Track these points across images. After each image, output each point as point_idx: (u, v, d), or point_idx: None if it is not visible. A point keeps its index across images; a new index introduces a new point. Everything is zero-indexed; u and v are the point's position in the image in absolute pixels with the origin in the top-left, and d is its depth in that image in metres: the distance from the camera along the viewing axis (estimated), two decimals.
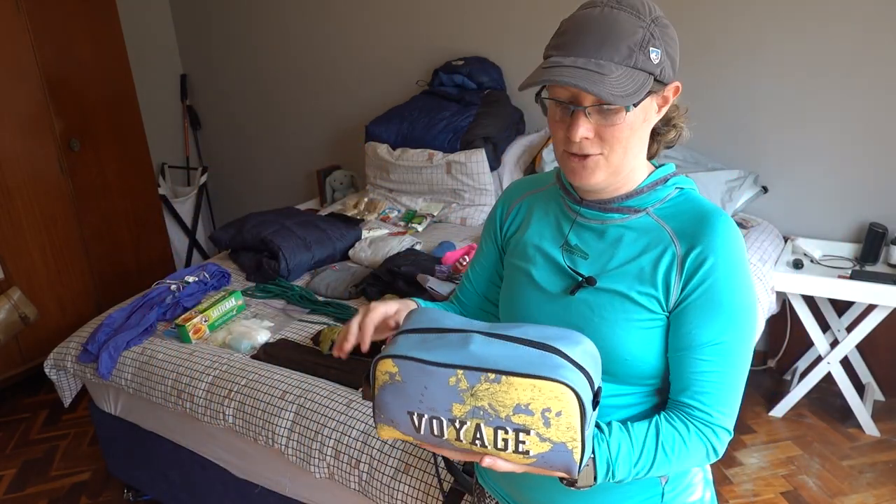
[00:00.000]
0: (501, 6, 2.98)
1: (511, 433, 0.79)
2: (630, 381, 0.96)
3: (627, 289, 0.93)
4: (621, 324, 0.93)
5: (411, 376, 0.82)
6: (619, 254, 0.96)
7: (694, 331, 0.91)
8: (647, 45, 0.85)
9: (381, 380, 0.84)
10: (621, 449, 0.89)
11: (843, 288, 2.22)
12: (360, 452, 1.50)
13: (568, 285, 0.98)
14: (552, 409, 0.78)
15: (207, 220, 4.34)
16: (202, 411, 1.75)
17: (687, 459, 0.93)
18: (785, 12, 2.44)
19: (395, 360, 0.83)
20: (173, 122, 4.12)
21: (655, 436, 0.91)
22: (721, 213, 0.93)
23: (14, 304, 2.67)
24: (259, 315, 2.10)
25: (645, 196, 0.96)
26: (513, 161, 2.88)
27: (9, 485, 2.42)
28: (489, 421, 0.80)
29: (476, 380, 0.80)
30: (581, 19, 0.87)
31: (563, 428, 0.79)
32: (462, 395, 0.80)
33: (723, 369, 0.92)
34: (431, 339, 0.85)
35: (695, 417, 0.93)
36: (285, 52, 3.70)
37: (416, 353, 0.83)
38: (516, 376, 0.79)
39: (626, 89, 0.84)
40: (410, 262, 2.17)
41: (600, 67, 0.83)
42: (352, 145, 3.63)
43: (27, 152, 2.85)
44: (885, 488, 2.16)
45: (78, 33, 3.00)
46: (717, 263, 0.90)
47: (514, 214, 1.10)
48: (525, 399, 0.78)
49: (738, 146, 2.65)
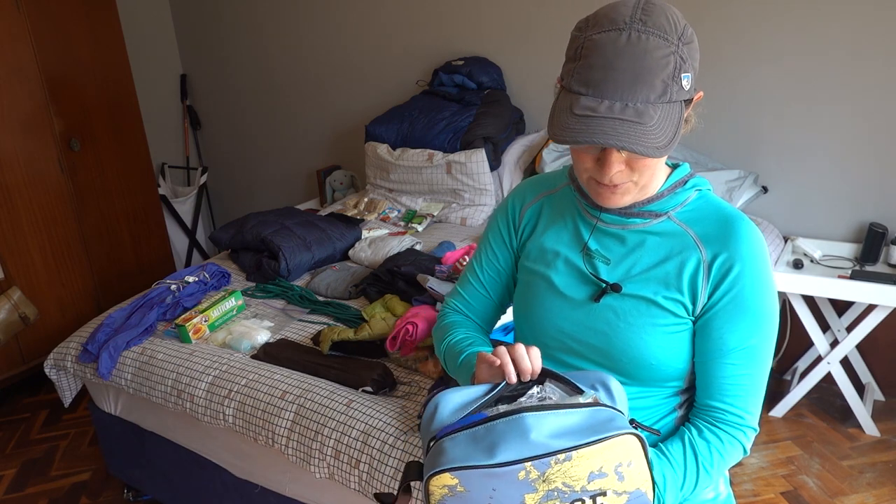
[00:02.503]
0: (501, 6, 2.98)
1: (588, 501, 0.76)
2: (654, 384, 0.96)
3: (653, 294, 0.93)
4: (647, 329, 0.93)
5: (475, 484, 0.76)
6: (642, 259, 0.95)
7: (723, 336, 0.92)
8: (679, 72, 0.81)
9: (440, 494, 0.77)
10: (666, 479, 0.89)
11: (843, 288, 2.22)
12: (360, 452, 1.50)
13: (592, 292, 0.97)
14: (622, 462, 0.76)
15: (207, 220, 4.34)
16: (202, 411, 1.75)
17: (724, 467, 0.95)
18: (785, 12, 2.44)
19: (453, 473, 0.76)
20: (173, 122, 4.12)
21: (694, 456, 0.92)
22: (743, 218, 0.93)
23: (14, 304, 2.67)
24: (259, 315, 2.10)
25: (666, 200, 0.95)
26: (513, 161, 2.88)
27: (9, 485, 2.42)
28: (565, 498, 0.76)
29: (546, 466, 0.75)
30: (608, 49, 0.80)
31: (636, 475, 0.77)
32: (534, 484, 0.75)
33: (750, 371, 0.93)
34: (482, 435, 0.78)
35: (725, 421, 0.94)
36: (285, 52, 3.70)
37: (476, 459, 0.76)
38: (585, 447, 0.75)
39: (666, 134, 0.80)
40: (410, 262, 2.17)
41: (639, 115, 0.78)
42: (352, 145, 3.63)
43: (27, 152, 2.85)
44: (885, 488, 2.16)
45: (78, 33, 3.00)
46: (744, 270, 0.90)
47: (529, 217, 1.08)
48: (597, 465, 0.75)
49: (738, 146, 2.65)
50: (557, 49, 2.85)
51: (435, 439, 0.82)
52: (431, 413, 0.87)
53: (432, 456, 0.80)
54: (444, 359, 1.14)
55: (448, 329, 1.15)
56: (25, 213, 2.86)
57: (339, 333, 1.80)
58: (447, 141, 2.84)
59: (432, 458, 0.80)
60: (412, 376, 1.72)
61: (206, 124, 4.20)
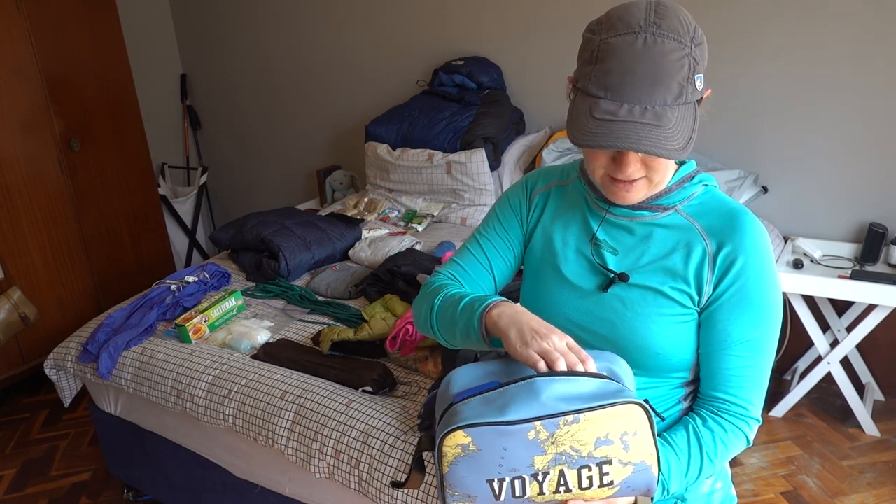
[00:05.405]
0: (501, 6, 2.98)
1: (595, 468, 0.78)
2: (659, 374, 0.99)
3: (660, 284, 0.95)
4: (654, 318, 0.95)
5: (488, 442, 0.78)
6: (650, 250, 0.97)
7: (728, 328, 0.94)
8: (693, 74, 0.83)
9: (452, 454, 0.79)
10: (671, 465, 0.91)
11: (843, 288, 2.22)
12: (360, 452, 1.50)
13: (600, 282, 0.99)
14: (628, 431, 0.78)
15: (207, 220, 4.34)
16: (202, 411, 1.75)
17: (728, 457, 0.97)
18: (785, 12, 2.44)
19: (466, 430, 0.78)
20: (173, 122, 4.12)
21: (698, 445, 0.94)
22: (748, 213, 0.96)
23: (14, 304, 2.67)
24: (259, 315, 2.10)
25: (674, 194, 0.97)
26: (513, 161, 2.88)
27: (9, 485, 2.42)
28: (572, 463, 0.78)
29: (555, 426, 0.77)
30: (626, 53, 0.82)
31: (641, 446, 0.79)
32: (543, 445, 0.77)
33: (754, 363, 0.95)
34: (494, 398, 0.81)
35: (729, 412, 0.96)
36: (285, 52, 3.70)
37: (489, 416, 0.78)
38: (593, 410, 0.77)
39: (684, 135, 0.82)
40: (410, 262, 2.17)
41: (658, 118, 0.81)
42: (352, 145, 3.63)
43: (27, 152, 2.85)
44: (885, 488, 2.16)
45: (78, 33, 3.00)
46: (748, 262, 0.93)
47: (538, 202, 1.09)
48: (604, 430, 0.77)
49: (738, 146, 2.65)
50: (557, 49, 2.87)
51: (449, 406, 0.84)
52: (445, 386, 0.89)
53: (446, 420, 0.82)
54: (437, 314, 1.03)
55: (440, 289, 1.06)
56: (25, 213, 2.86)
57: (339, 333, 1.80)
58: (447, 141, 2.84)
59: (446, 421, 0.82)
60: (412, 376, 1.72)
61: (206, 124, 4.20)
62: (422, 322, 1.09)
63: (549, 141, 2.80)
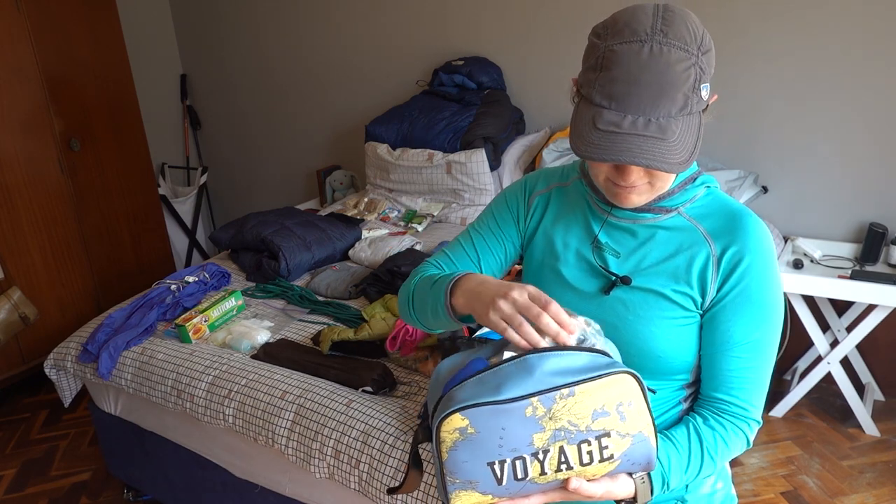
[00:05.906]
0: (501, 6, 2.98)
1: (594, 442, 0.78)
2: (661, 376, 0.98)
3: (662, 287, 0.95)
4: (656, 321, 0.95)
5: (485, 423, 0.77)
6: (652, 252, 0.97)
7: (730, 329, 0.94)
8: (699, 83, 0.82)
9: (451, 439, 0.78)
10: (671, 460, 0.91)
11: (843, 288, 2.22)
12: (360, 452, 1.50)
13: (602, 284, 0.99)
14: (623, 401, 0.78)
15: (207, 220, 4.34)
16: (202, 411, 1.75)
17: (728, 456, 0.97)
18: (785, 12, 2.44)
19: (463, 413, 0.77)
20: (173, 122, 4.12)
21: (699, 441, 0.94)
22: (750, 214, 0.95)
23: (14, 304, 2.67)
24: (259, 315, 2.10)
25: (677, 196, 0.97)
26: (513, 161, 2.88)
27: (9, 485, 2.42)
28: (571, 438, 0.77)
29: (551, 401, 0.77)
30: (631, 63, 0.80)
31: (637, 416, 0.79)
32: (541, 421, 0.77)
33: (756, 364, 0.95)
34: (488, 379, 0.81)
35: (730, 413, 0.96)
36: (286, 52, 3.70)
37: (485, 396, 0.77)
38: (586, 382, 0.77)
39: (687, 148, 0.82)
40: (410, 262, 2.17)
41: (661, 130, 0.80)
42: (352, 145, 3.63)
43: (27, 152, 2.85)
44: (885, 488, 2.16)
45: (78, 33, 3.00)
46: (752, 263, 0.92)
47: (537, 204, 1.09)
48: (600, 402, 0.77)
49: (738, 146, 2.65)
50: (557, 49, 2.87)
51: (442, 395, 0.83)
52: (434, 380, 0.89)
53: (441, 407, 0.81)
54: (413, 296, 1.04)
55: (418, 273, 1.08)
56: (25, 213, 2.86)
57: (339, 333, 1.80)
58: (447, 141, 2.84)
59: (441, 408, 0.81)
60: (412, 376, 1.72)
61: (205, 124, 4.20)
62: (402, 308, 1.09)
63: (549, 141, 2.80)
